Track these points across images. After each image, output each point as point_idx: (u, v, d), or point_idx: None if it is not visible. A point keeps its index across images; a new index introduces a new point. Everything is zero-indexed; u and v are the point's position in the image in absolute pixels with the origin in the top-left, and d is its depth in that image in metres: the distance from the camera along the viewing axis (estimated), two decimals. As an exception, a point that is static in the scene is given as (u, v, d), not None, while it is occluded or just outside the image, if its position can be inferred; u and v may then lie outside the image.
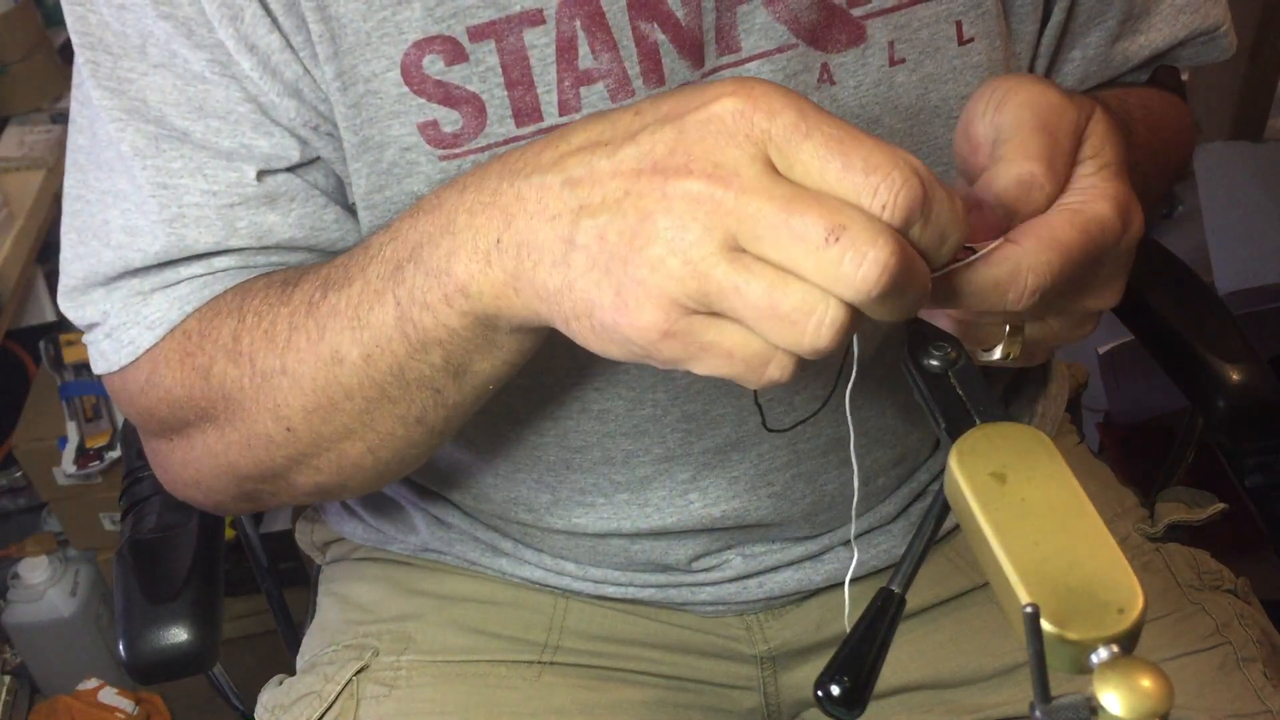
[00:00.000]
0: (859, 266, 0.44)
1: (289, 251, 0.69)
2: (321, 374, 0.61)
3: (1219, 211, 1.80)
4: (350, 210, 0.70)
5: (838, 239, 0.44)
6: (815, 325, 0.45)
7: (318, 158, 0.68)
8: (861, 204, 0.45)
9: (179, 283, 0.68)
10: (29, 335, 1.94)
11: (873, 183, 0.45)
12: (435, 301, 0.55)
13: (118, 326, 0.69)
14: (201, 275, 0.68)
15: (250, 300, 0.65)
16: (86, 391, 1.84)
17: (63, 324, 1.98)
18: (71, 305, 0.71)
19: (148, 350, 0.69)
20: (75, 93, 0.70)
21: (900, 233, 0.45)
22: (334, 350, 0.60)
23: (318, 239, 0.69)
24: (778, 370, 0.47)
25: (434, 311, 0.56)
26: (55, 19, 1.96)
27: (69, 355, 1.89)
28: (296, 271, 0.66)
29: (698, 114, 0.47)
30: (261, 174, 0.66)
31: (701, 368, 0.48)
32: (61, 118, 1.87)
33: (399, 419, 0.62)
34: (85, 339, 0.72)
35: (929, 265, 0.47)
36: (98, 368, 0.72)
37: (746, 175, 0.45)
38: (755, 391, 0.52)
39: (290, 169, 0.67)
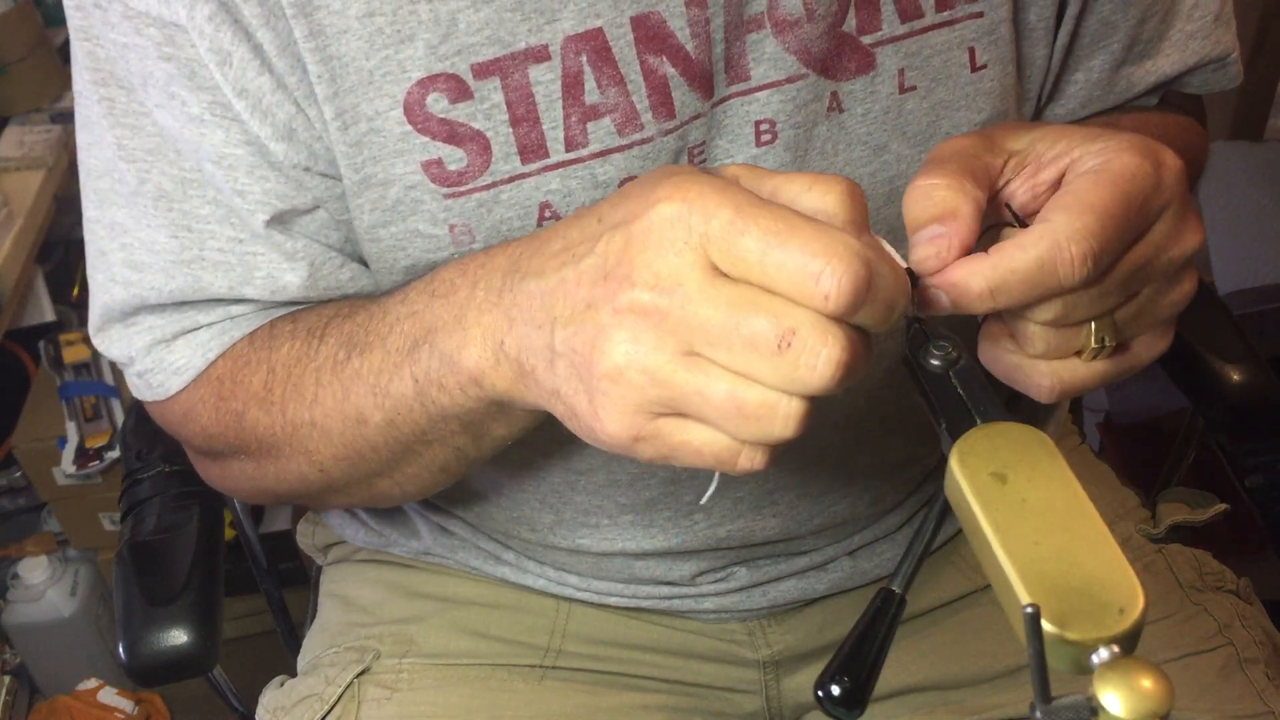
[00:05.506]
0: (814, 369, 0.45)
1: (301, 305, 0.70)
2: (349, 431, 0.65)
3: (1219, 211, 1.80)
4: (361, 261, 0.70)
5: (789, 344, 0.45)
6: (782, 419, 0.46)
7: (316, 206, 0.67)
8: (805, 296, 0.45)
9: (198, 329, 0.70)
10: (29, 335, 1.93)
11: (814, 273, 0.44)
12: (450, 386, 0.58)
13: (147, 371, 0.71)
14: (220, 321, 0.70)
15: (278, 351, 0.68)
16: (86, 391, 1.84)
17: (63, 324, 1.98)
18: (100, 341, 0.73)
19: (180, 391, 0.71)
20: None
21: (847, 320, 0.45)
22: (359, 411, 0.63)
23: (331, 295, 0.70)
24: (748, 461, 0.48)
25: (449, 393, 0.58)
26: (55, 19, 1.95)
27: (69, 355, 1.88)
28: (321, 318, 0.67)
29: (641, 221, 0.47)
30: (271, 223, 0.66)
31: (679, 462, 0.49)
32: (61, 117, 1.86)
33: (423, 468, 0.66)
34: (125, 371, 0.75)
35: (878, 328, 0.47)
36: (137, 395, 0.74)
37: (689, 284, 0.46)
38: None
39: (290, 219, 0.67)
